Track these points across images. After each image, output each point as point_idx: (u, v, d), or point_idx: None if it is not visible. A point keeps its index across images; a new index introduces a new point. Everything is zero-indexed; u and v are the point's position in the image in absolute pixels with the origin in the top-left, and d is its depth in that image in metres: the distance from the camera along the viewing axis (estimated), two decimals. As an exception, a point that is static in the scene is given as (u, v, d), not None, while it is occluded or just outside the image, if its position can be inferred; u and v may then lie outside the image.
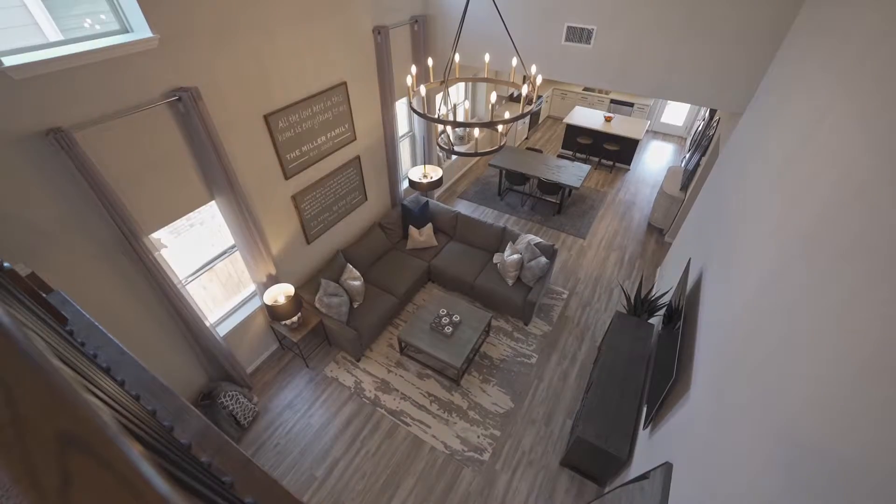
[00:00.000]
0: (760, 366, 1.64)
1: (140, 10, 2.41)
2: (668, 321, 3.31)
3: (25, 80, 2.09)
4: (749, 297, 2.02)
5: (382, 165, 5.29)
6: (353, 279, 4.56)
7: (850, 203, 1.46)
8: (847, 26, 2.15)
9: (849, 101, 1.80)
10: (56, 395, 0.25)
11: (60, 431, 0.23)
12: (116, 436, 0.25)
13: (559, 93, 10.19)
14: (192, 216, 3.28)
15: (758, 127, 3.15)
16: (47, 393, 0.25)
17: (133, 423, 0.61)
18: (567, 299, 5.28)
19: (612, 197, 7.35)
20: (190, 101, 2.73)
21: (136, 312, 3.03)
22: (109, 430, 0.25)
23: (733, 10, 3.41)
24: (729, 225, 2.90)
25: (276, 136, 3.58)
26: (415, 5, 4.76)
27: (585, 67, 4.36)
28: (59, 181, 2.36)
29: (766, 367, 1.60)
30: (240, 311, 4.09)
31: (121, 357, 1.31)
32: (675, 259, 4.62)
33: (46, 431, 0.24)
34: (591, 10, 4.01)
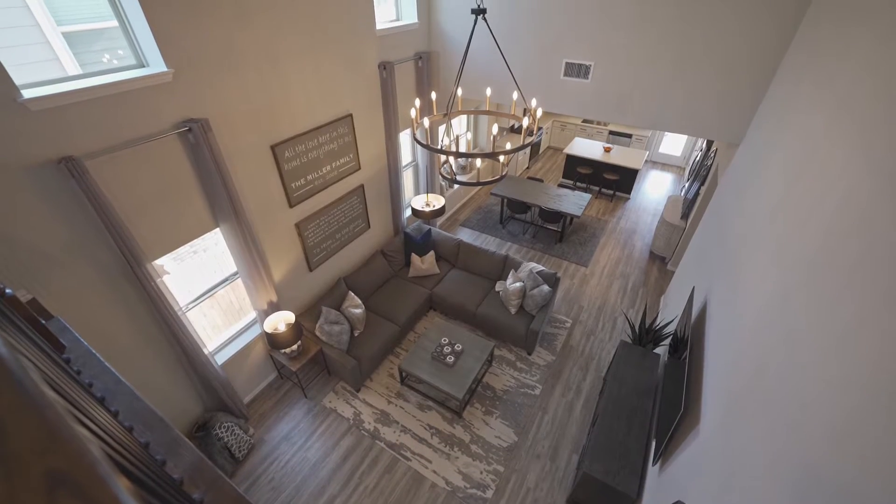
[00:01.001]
0: (770, 398, 1.59)
1: (157, 46, 2.52)
2: (674, 351, 3.25)
3: (42, 111, 2.17)
4: (755, 326, 1.99)
5: (386, 194, 5.36)
6: (355, 307, 4.53)
7: (851, 228, 1.46)
8: (840, 53, 2.22)
9: (844, 127, 1.84)
10: (49, 430, 0.24)
11: (50, 470, 0.22)
12: (107, 475, 0.24)
13: (559, 124, 10.45)
14: (195, 243, 3.30)
15: (756, 156, 3.20)
16: (40, 428, 0.24)
17: (124, 457, 0.59)
18: (570, 328, 5.21)
19: (613, 225, 7.39)
20: (200, 132, 2.81)
21: (134, 339, 3.00)
22: (100, 469, 0.24)
23: (726, 45, 3.55)
24: (731, 254, 2.90)
25: (282, 166, 3.66)
26: (419, 43, 4.97)
27: (584, 101, 4.50)
28: (68, 208, 2.39)
29: (775, 399, 1.55)
30: (239, 338, 4.04)
31: (116, 386, 1.28)
32: (679, 288, 4.59)
33: (36, 469, 0.23)
34: (588, 46, 4.18)
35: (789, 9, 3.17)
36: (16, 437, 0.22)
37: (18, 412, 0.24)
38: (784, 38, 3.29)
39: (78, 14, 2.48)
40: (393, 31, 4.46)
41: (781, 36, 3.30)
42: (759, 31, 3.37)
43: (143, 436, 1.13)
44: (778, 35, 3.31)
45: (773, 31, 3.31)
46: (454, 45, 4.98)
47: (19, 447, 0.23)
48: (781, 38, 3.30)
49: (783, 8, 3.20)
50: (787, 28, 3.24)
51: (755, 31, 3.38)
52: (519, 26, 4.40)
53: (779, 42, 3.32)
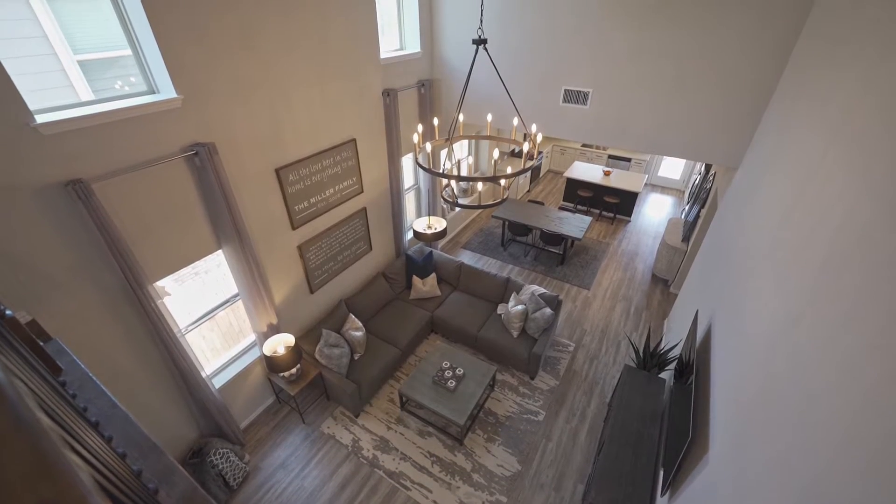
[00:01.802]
0: (779, 425, 1.55)
1: (167, 73, 2.61)
2: (680, 376, 3.19)
3: (53, 135, 2.22)
4: (760, 351, 1.96)
5: (388, 216, 5.40)
6: (355, 329, 4.49)
7: (853, 251, 1.45)
8: (834, 76, 2.28)
9: (841, 149, 1.86)
10: (42, 459, 0.24)
11: (42, 500, 0.22)
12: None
13: (558, 148, 10.62)
14: (197, 264, 3.31)
15: (755, 179, 3.23)
16: (33, 457, 0.23)
17: (116, 486, 0.57)
18: (574, 352, 5.14)
19: (614, 248, 7.39)
20: (206, 156, 2.86)
21: (132, 361, 2.97)
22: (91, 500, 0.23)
23: (721, 71, 3.65)
24: (734, 277, 2.88)
25: (286, 189, 3.70)
26: (422, 71, 5.12)
27: (583, 126, 4.59)
28: (72, 229, 2.42)
29: (785, 426, 1.51)
30: (237, 361, 3.99)
31: (112, 411, 1.26)
32: (682, 311, 4.55)
33: (28, 499, 0.22)
34: (586, 74, 4.30)
35: (783, 35, 3.28)
36: (9, 465, 0.22)
37: (13, 440, 0.23)
38: (779, 63, 3.39)
39: (94, 43, 2.57)
40: (397, 60, 4.61)
41: (776, 61, 3.39)
42: (754, 58, 3.47)
43: (137, 463, 1.10)
44: (773, 60, 3.40)
45: (767, 56, 3.41)
46: (456, 73, 5.13)
47: (12, 475, 0.22)
48: (776, 62, 3.40)
49: (777, 34, 3.30)
50: (782, 53, 3.34)
51: (749, 58, 3.49)
52: (519, 55, 4.54)
53: (774, 67, 3.41)
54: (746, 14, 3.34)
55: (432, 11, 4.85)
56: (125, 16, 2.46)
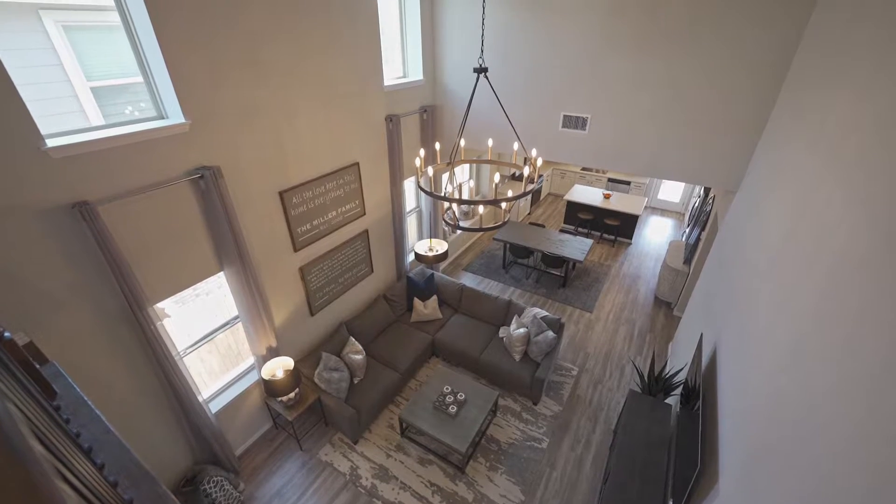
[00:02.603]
0: (791, 457, 1.50)
1: (177, 100, 2.68)
2: (686, 401, 3.12)
3: (62, 159, 2.26)
4: (768, 377, 1.92)
5: (389, 239, 5.43)
6: (355, 353, 4.43)
7: (854, 274, 1.44)
8: (828, 101, 2.32)
9: (837, 174, 1.87)
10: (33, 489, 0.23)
11: (30, 533, 0.21)
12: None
13: (559, 172, 10.76)
14: (198, 286, 3.30)
15: (754, 203, 3.25)
16: (25, 486, 0.23)
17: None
18: (577, 376, 5.04)
19: (616, 270, 7.37)
20: (211, 179, 2.90)
21: (128, 385, 2.92)
22: (83, 532, 0.22)
23: (715, 98, 3.73)
24: (737, 300, 2.86)
25: (289, 211, 3.74)
26: (424, 97, 5.26)
27: (582, 150, 4.66)
28: (76, 251, 2.43)
29: (797, 459, 1.46)
30: (235, 385, 3.92)
31: (105, 436, 1.23)
32: (687, 334, 4.49)
33: (15, 532, 0.21)
34: (584, 100, 4.40)
35: (776, 63, 3.37)
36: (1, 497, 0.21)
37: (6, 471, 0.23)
38: (773, 90, 3.46)
39: (107, 71, 2.66)
40: (400, 87, 4.74)
41: (770, 87, 3.47)
42: (748, 84, 3.55)
43: (128, 492, 1.07)
44: (767, 87, 3.49)
45: (761, 83, 3.49)
46: (457, 100, 5.26)
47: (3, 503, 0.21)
48: (770, 89, 3.48)
49: (770, 63, 3.39)
50: (776, 80, 3.42)
51: (744, 85, 3.57)
52: (518, 82, 4.67)
53: (768, 93, 3.49)
54: (739, 45, 3.45)
55: (434, 41, 5.02)
56: (139, 45, 2.55)
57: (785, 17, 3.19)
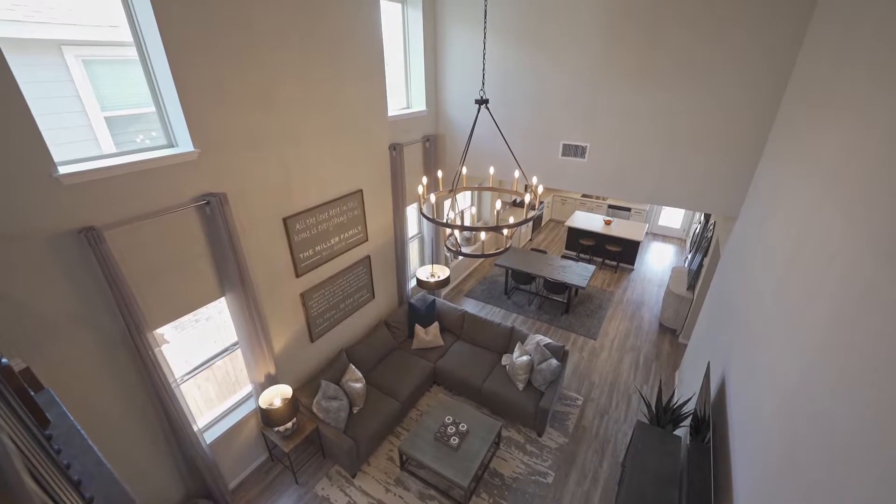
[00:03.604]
0: (808, 488, 1.44)
1: (187, 129, 2.75)
2: (696, 433, 3.02)
3: (73, 185, 2.30)
4: (779, 407, 1.87)
5: (391, 265, 5.43)
6: (355, 381, 4.35)
7: (861, 301, 1.43)
8: (823, 128, 2.36)
9: (836, 200, 1.88)
10: (25, 524, 0.22)
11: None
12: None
13: (559, 198, 10.88)
14: (199, 311, 3.29)
15: (754, 229, 3.26)
16: (16, 522, 0.22)
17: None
18: (582, 406, 4.91)
19: (619, 296, 7.32)
20: (217, 205, 2.95)
21: (122, 412, 2.85)
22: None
23: (712, 127, 3.82)
24: (743, 328, 2.82)
25: (292, 237, 3.77)
26: (427, 127, 5.39)
27: (581, 178, 4.73)
28: (78, 275, 2.43)
29: (814, 489, 1.40)
30: (231, 414, 3.83)
31: (96, 468, 1.20)
32: (693, 362, 4.40)
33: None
34: (582, 130, 4.51)
35: (771, 91, 3.45)
36: (-12, 532, 0.20)
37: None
38: (768, 117, 3.54)
39: (122, 101, 2.76)
40: (403, 118, 4.87)
41: (766, 115, 3.55)
42: (744, 112, 3.64)
43: (117, 528, 1.02)
44: (762, 114, 3.57)
45: (757, 111, 3.57)
46: (459, 129, 5.40)
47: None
48: (766, 116, 3.55)
49: (764, 92, 3.48)
50: (771, 108, 3.50)
51: (740, 113, 3.65)
52: (518, 113, 4.79)
53: (764, 121, 3.57)
54: (733, 73, 3.55)
55: (437, 73, 5.20)
56: (153, 77, 2.65)
57: (778, 44, 3.29)
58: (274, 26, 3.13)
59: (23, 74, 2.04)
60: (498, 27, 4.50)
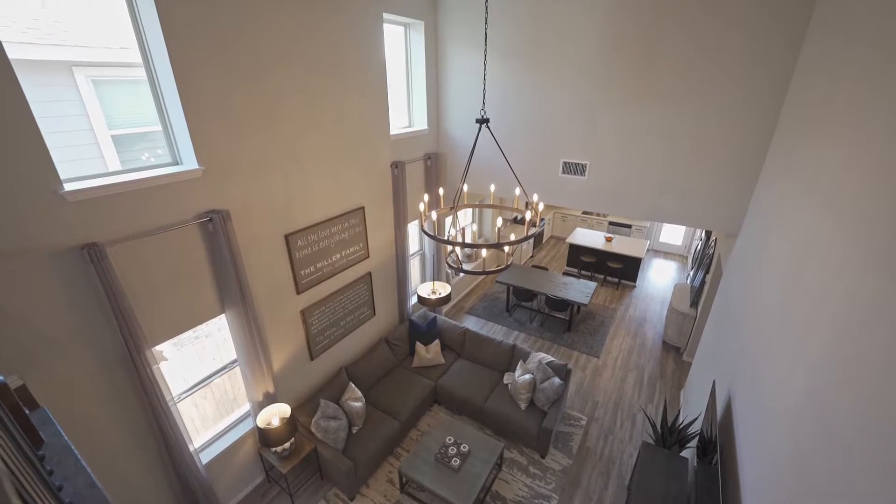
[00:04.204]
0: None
1: (192, 147, 2.80)
2: (704, 454, 2.94)
3: (78, 202, 2.32)
4: (787, 428, 1.83)
5: (392, 281, 5.42)
6: (355, 400, 4.28)
7: (866, 319, 1.41)
8: (820, 145, 2.38)
9: (837, 217, 1.88)
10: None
11: None
12: None
13: (560, 215, 10.92)
14: (199, 328, 3.27)
15: (756, 246, 3.25)
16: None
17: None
18: (586, 426, 4.81)
19: (621, 313, 7.26)
20: (219, 222, 2.96)
21: (117, 430, 2.80)
22: None
23: (710, 145, 3.86)
24: (748, 347, 2.78)
25: (293, 254, 3.77)
26: (428, 145, 5.47)
27: (582, 195, 4.76)
28: (79, 291, 2.43)
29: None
30: (228, 434, 3.76)
31: (88, 491, 1.17)
32: (698, 381, 4.33)
33: None
34: (582, 148, 4.56)
35: (767, 111, 3.50)
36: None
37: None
38: (765, 136, 3.58)
39: (129, 120, 2.81)
40: (405, 136, 4.94)
41: (762, 134, 3.59)
42: (741, 131, 3.68)
43: (107, 553, 0.99)
44: (759, 134, 3.60)
45: (753, 130, 3.61)
46: (460, 148, 5.47)
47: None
48: (762, 135, 3.59)
49: (760, 112, 3.53)
50: (768, 127, 3.54)
51: (738, 131, 3.69)
52: (518, 131, 4.86)
53: (761, 139, 3.60)
54: (731, 91, 3.60)
55: (439, 93, 5.30)
56: (160, 97, 2.70)
57: (775, 59, 3.34)
58: (279, 49, 3.21)
59: (34, 94, 2.09)
60: (498, 48, 4.61)
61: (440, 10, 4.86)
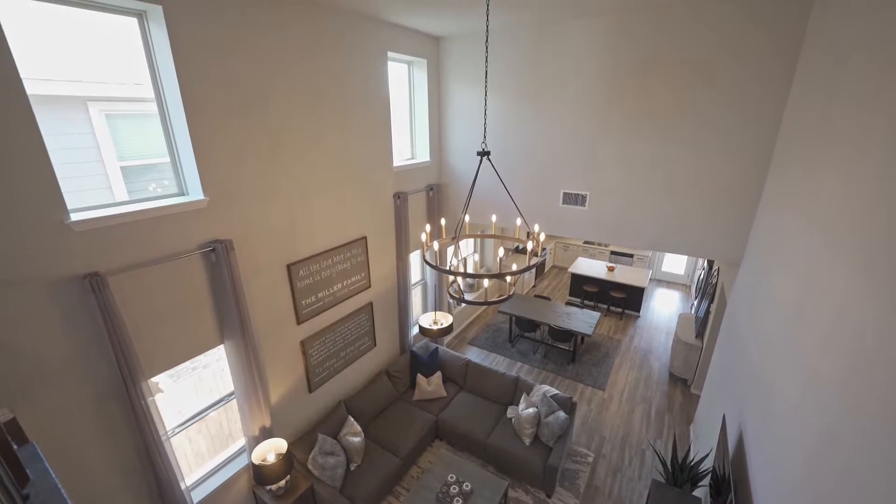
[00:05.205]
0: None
1: (199, 178, 2.85)
2: (717, 493, 2.80)
3: (83, 232, 2.35)
4: (802, 466, 1.75)
5: (394, 311, 5.37)
6: (353, 435, 4.14)
7: (876, 350, 1.38)
8: (817, 175, 2.40)
9: (837, 247, 1.88)
10: None
11: None
12: None
13: (561, 245, 10.95)
14: (197, 359, 3.21)
15: (759, 276, 3.23)
16: None
17: None
18: (593, 463, 4.62)
19: (626, 344, 7.13)
20: (222, 252, 2.98)
21: (106, 465, 2.68)
22: None
23: (708, 176, 3.91)
24: (756, 380, 2.71)
25: (295, 284, 3.76)
26: (431, 176, 5.57)
27: (582, 225, 4.80)
28: (78, 321, 2.41)
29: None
30: (222, 471, 3.61)
31: (73, 532, 1.11)
32: (708, 415, 4.19)
33: None
34: (582, 179, 4.63)
35: (763, 141, 3.56)
36: None
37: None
38: (762, 166, 3.62)
39: (138, 152, 2.88)
40: (408, 168, 5.05)
41: (759, 163, 3.64)
42: (739, 162, 3.73)
43: None
44: (756, 163, 3.66)
45: (750, 160, 3.66)
46: (462, 179, 5.56)
47: None
48: (760, 165, 3.64)
49: (757, 141, 3.59)
50: (765, 157, 3.59)
51: (736, 163, 3.75)
52: (519, 163, 4.96)
53: (759, 168, 3.65)
54: (728, 121, 3.65)
55: (441, 127, 5.46)
56: (170, 131, 2.79)
57: (770, 85, 3.40)
58: (287, 85, 3.34)
59: (49, 127, 2.15)
60: (499, 84, 4.78)
61: (442, 49, 5.08)
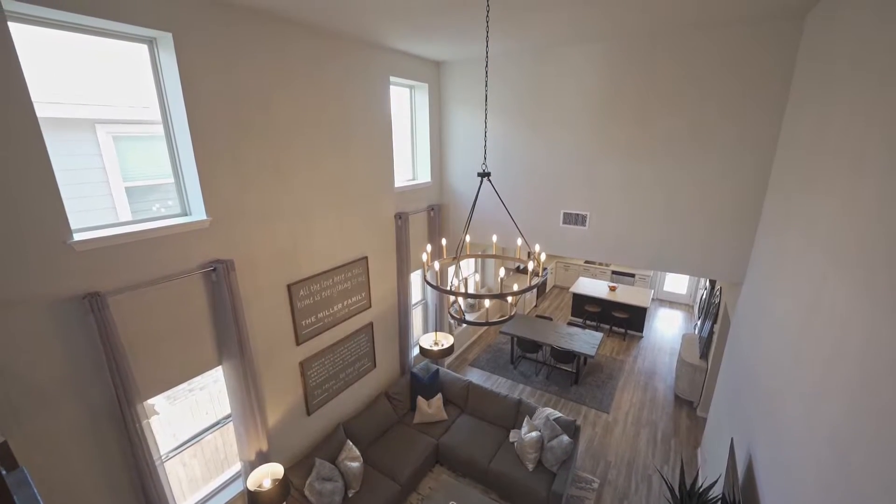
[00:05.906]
0: None
1: (202, 199, 2.88)
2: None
3: (85, 252, 2.35)
4: (815, 488, 1.69)
5: (394, 332, 5.33)
6: (352, 459, 4.04)
7: (884, 370, 1.36)
8: (817, 191, 2.41)
9: (839, 267, 1.87)
10: None
11: None
12: None
13: (562, 265, 10.94)
14: (194, 381, 3.16)
15: (762, 296, 3.21)
16: None
17: None
18: (599, 490, 4.48)
19: (630, 365, 7.03)
20: (223, 272, 2.98)
21: (96, 491, 2.61)
22: None
23: (708, 196, 3.94)
24: (764, 401, 2.66)
25: (295, 304, 3.74)
26: (432, 197, 5.62)
27: (583, 245, 4.81)
28: (75, 342, 2.38)
29: None
30: (216, 497, 3.50)
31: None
32: (715, 439, 4.09)
33: None
34: (582, 200, 4.67)
35: (762, 161, 3.59)
36: None
37: None
38: (763, 174, 3.63)
39: (143, 173, 2.92)
40: (409, 188, 5.10)
41: (759, 183, 3.66)
42: (739, 181, 3.76)
43: None
44: (756, 182, 3.68)
45: (750, 179, 3.69)
46: (463, 199, 5.61)
47: None
48: (759, 184, 3.67)
49: (756, 162, 3.62)
50: (764, 176, 3.62)
51: (735, 174, 3.74)
52: (519, 184, 5.02)
53: (758, 187, 3.67)
54: (727, 139, 3.69)
55: (442, 148, 5.55)
56: (175, 153, 2.83)
57: (767, 101, 3.44)
58: (290, 108, 3.41)
59: (57, 148, 2.19)
60: (499, 107, 4.88)
61: (443, 74, 5.22)
